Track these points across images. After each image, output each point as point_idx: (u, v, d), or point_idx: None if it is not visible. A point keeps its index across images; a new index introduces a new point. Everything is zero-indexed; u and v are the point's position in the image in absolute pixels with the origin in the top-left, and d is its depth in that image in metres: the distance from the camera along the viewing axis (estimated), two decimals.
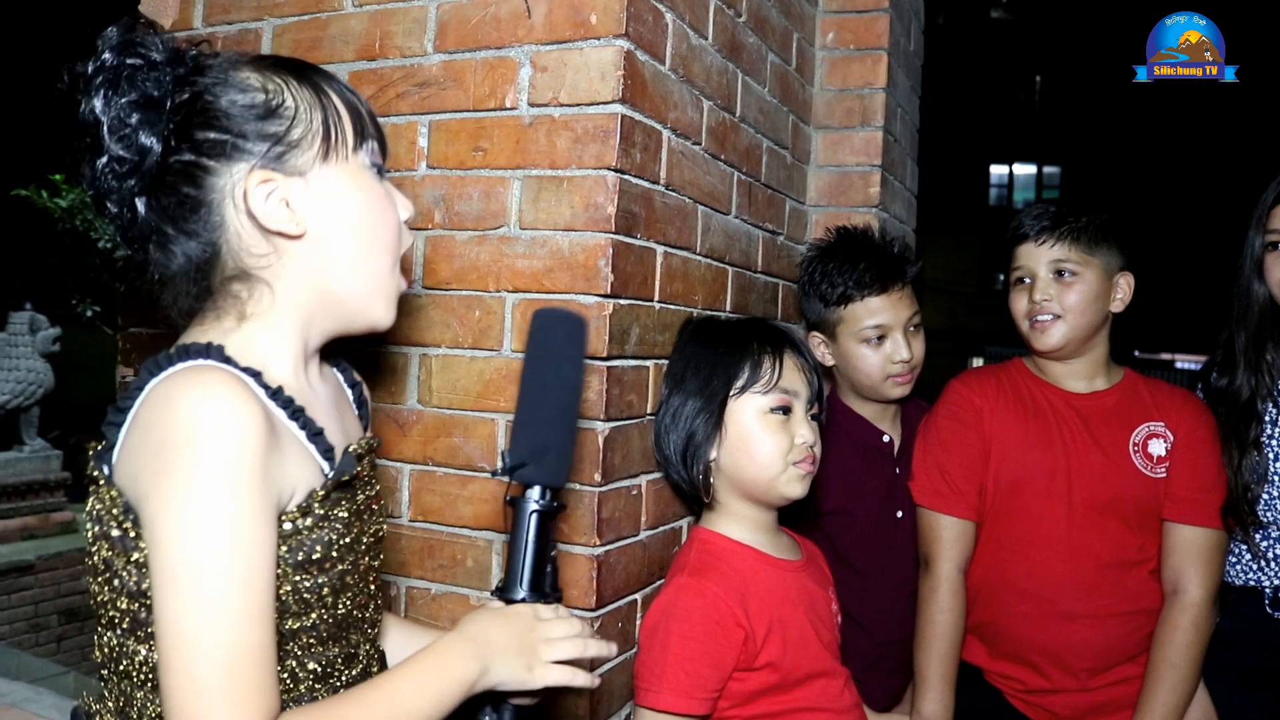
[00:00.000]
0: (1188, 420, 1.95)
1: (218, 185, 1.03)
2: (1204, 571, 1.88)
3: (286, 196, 1.03)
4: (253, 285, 1.05)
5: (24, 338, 7.29)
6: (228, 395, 0.91)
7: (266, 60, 1.09)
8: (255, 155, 1.02)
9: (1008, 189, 21.11)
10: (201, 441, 0.89)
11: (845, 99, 2.34)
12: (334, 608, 1.04)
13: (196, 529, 0.88)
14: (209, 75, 1.03)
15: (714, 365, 1.61)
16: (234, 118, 1.02)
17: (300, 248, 1.05)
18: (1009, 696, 1.98)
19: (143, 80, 1.00)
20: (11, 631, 6.37)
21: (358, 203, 1.08)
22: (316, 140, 1.05)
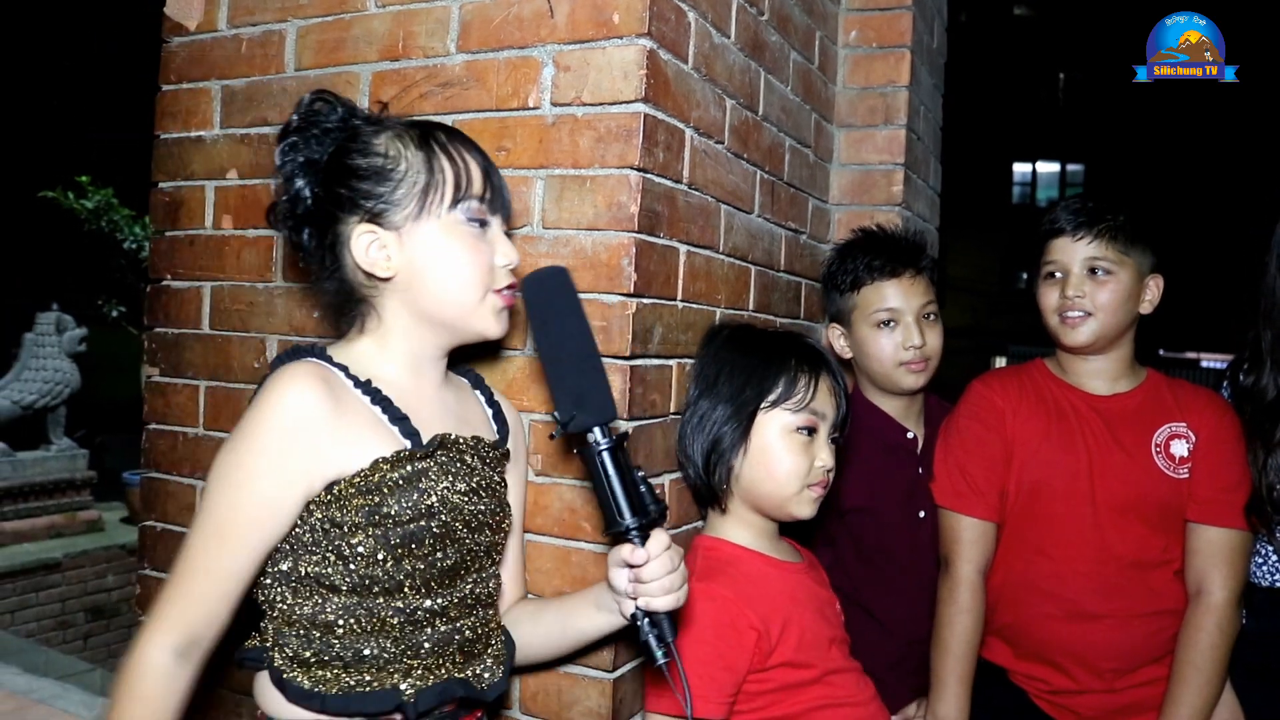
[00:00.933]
0: (1211, 420, 1.93)
1: (340, 231, 1.30)
2: (1228, 573, 1.86)
3: (384, 245, 1.27)
4: (367, 309, 1.33)
5: (51, 338, 7.36)
6: (299, 383, 1.20)
7: (407, 125, 1.33)
8: (364, 210, 1.27)
9: (1031, 187, 20.99)
10: (261, 406, 1.20)
11: (868, 97, 2.34)
12: (407, 562, 1.23)
13: (218, 464, 1.21)
14: (358, 141, 1.30)
15: (749, 375, 1.59)
16: (356, 177, 1.27)
17: (394, 284, 1.29)
18: (1034, 697, 1.97)
19: (312, 142, 1.31)
20: (39, 629, 6.42)
21: (443, 251, 1.28)
22: (414, 201, 1.27)
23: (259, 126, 1.82)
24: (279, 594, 1.24)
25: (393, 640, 1.23)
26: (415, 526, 1.23)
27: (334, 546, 1.21)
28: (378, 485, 1.21)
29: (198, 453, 1.90)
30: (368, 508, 1.21)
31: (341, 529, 1.21)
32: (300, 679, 1.22)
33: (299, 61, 1.77)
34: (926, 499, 2.03)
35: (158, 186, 1.96)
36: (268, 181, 1.81)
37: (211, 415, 1.88)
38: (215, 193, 1.88)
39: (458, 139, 1.32)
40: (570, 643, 1.41)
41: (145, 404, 1.97)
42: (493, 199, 1.33)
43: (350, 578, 1.21)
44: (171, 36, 1.93)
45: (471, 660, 1.31)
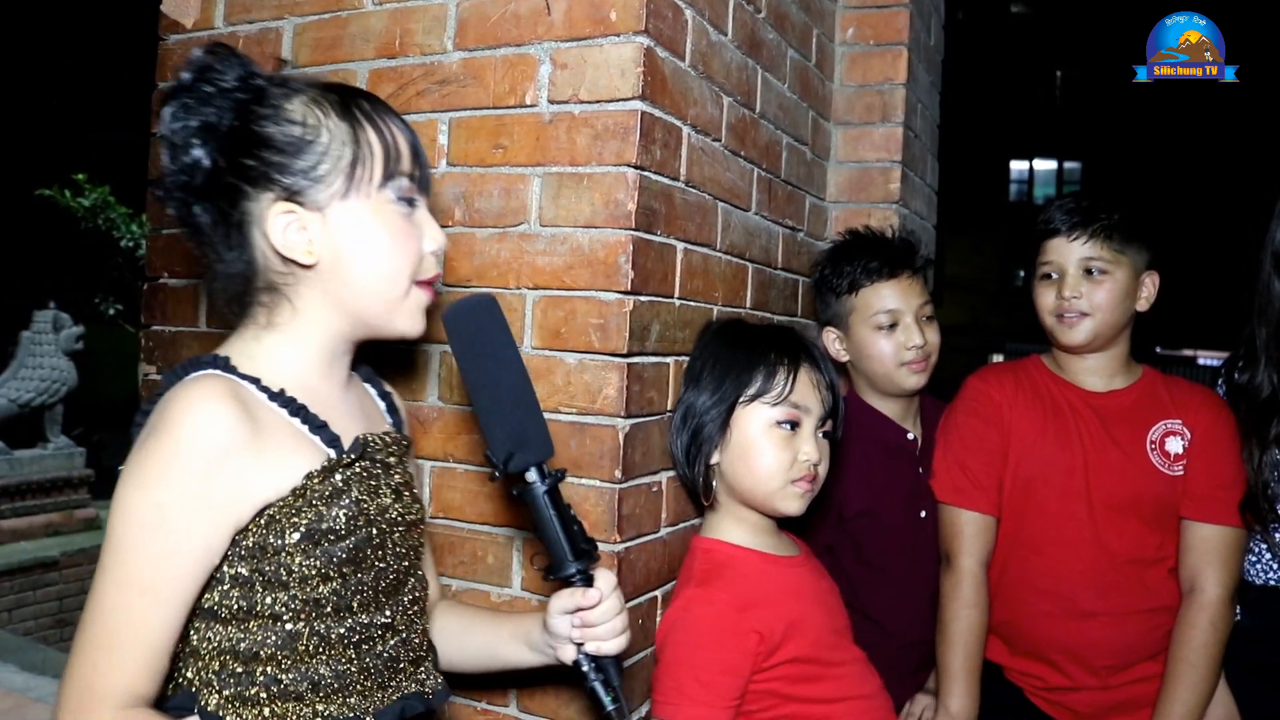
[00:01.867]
0: (1206, 417, 1.93)
1: (249, 209, 1.14)
2: (1222, 570, 1.86)
3: (305, 227, 1.13)
4: (276, 298, 1.17)
5: (48, 336, 7.35)
6: (210, 404, 1.05)
7: (322, 89, 1.18)
8: (281, 186, 1.13)
9: (1028, 185, 20.99)
10: (164, 433, 1.04)
11: (865, 94, 2.34)
12: (354, 578, 1.13)
13: (132, 505, 1.03)
14: (266, 104, 1.14)
15: (729, 367, 1.60)
16: (270, 149, 1.12)
17: (315, 272, 1.16)
18: (1029, 694, 1.98)
19: (207, 105, 1.11)
20: (37, 627, 6.43)
21: (371, 234, 1.16)
22: (340, 177, 1.14)
23: None
24: (206, 632, 1.10)
25: (347, 662, 1.14)
26: (356, 539, 1.14)
27: (271, 573, 1.09)
28: (312, 502, 1.10)
29: None
30: (305, 526, 1.10)
31: (279, 554, 1.09)
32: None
33: (296, 59, 1.77)
34: (927, 499, 2.03)
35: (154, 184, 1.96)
36: None
37: None
38: None
39: (382, 108, 1.20)
40: (496, 668, 1.38)
41: (142, 402, 1.97)
42: (421, 177, 1.22)
43: (293, 603, 1.10)
44: (168, 34, 1.92)
45: (418, 669, 1.24)
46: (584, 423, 1.51)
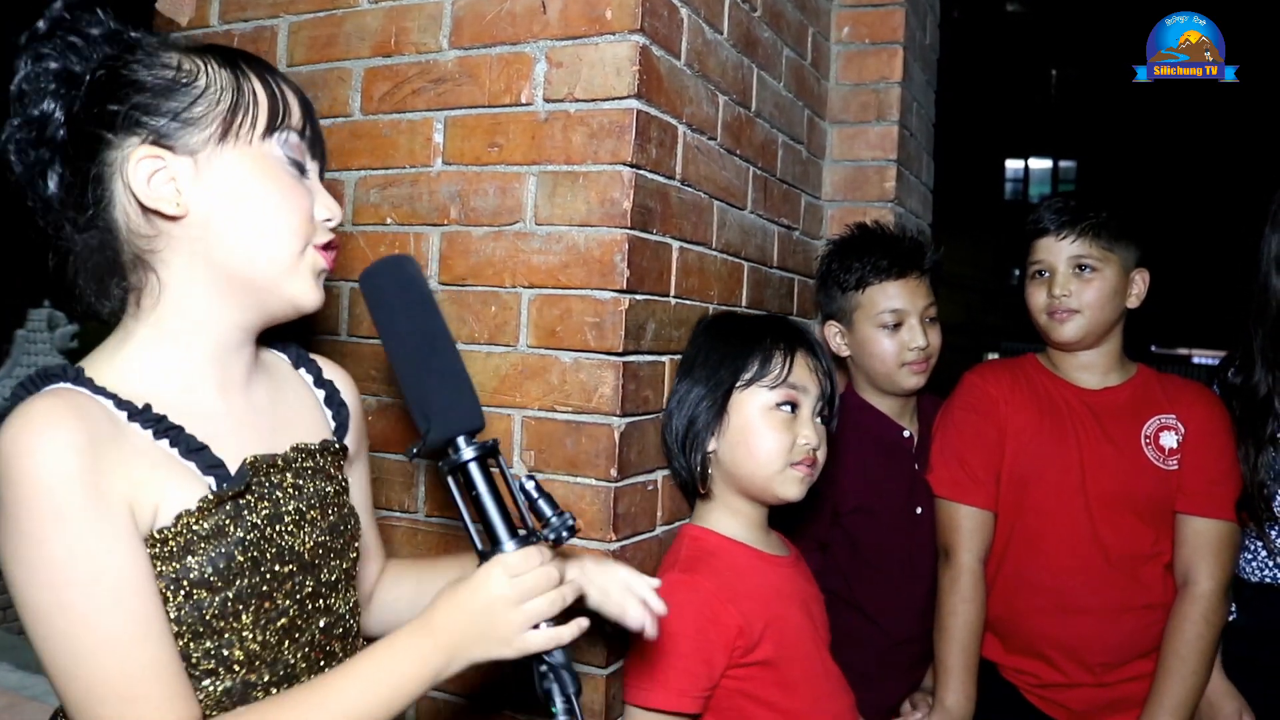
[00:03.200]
0: (1199, 412, 1.94)
1: (110, 158, 0.99)
2: (1215, 564, 1.87)
3: (174, 175, 0.98)
4: (140, 276, 1.01)
5: (42, 334, 7.33)
6: (45, 428, 0.87)
7: (205, 47, 1.05)
8: (149, 129, 0.98)
9: (1023, 184, 21.00)
10: (18, 481, 0.86)
11: (860, 93, 2.34)
12: (253, 626, 0.99)
13: (38, 570, 0.86)
14: (137, 52, 1.01)
15: (723, 355, 1.60)
16: (138, 90, 0.98)
17: (184, 230, 1.00)
18: (1024, 692, 1.98)
19: (69, 54, 0.98)
20: None
21: (254, 187, 1.01)
22: (216, 121, 1.00)
23: None
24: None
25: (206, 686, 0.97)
26: (242, 586, 0.97)
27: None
28: (183, 548, 0.93)
29: None
30: (173, 576, 0.93)
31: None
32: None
33: (291, 58, 1.77)
34: (924, 496, 2.03)
35: None
36: None
37: None
38: None
39: (271, 69, 1.07)
40: None
41: None
42: (314, 140, 1.09)
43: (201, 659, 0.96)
44: (163, 32, 1.92)
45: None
46: (579, 421, 1.51)
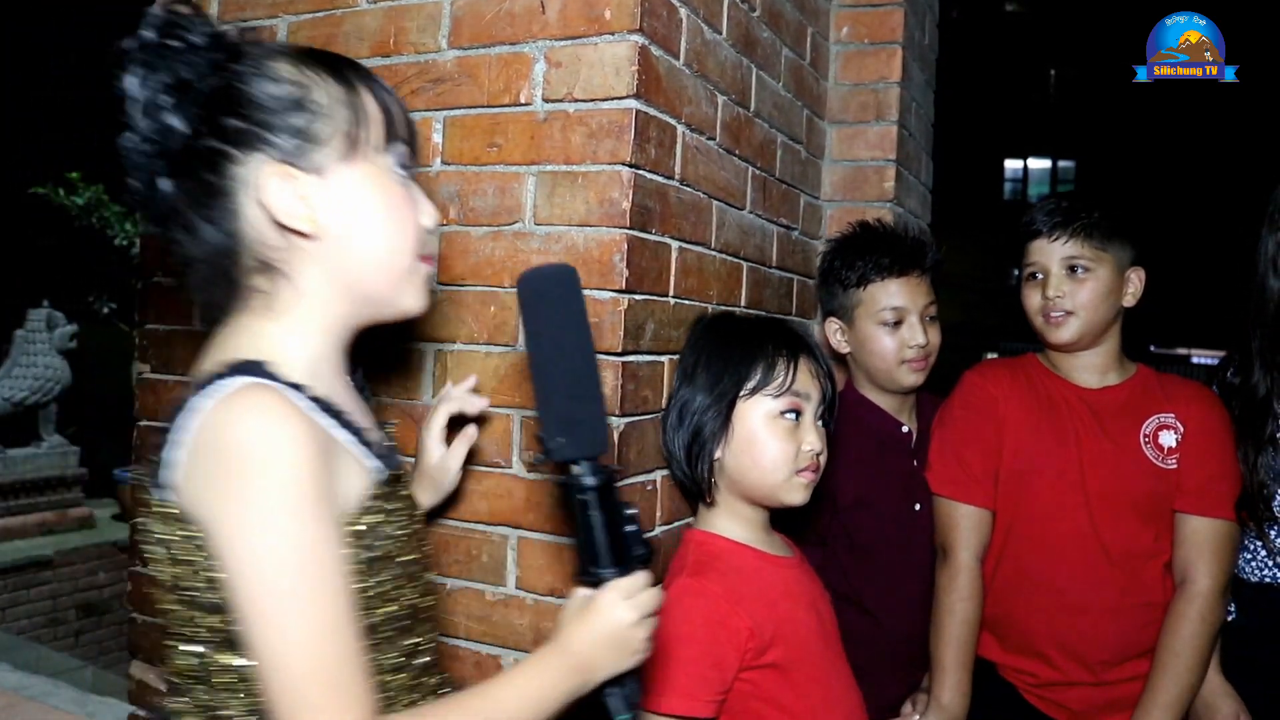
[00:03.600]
0: (1198, 411, 1.94)
1: (238, 174, 1.01)
2: (1213, 562, 1.87)
3: (303, 192, 1.02)
4: (274, 279, 1.04)
5: (42, 334, 7.33)
6: (281, 418, 0.93)
7: (305, 52, 1.08)
8: (276, 148, 1.01)
9: (1022, 183, 20.99)
10: (262, 467, 0.91)
11: (860, 93, 2.34)
12: (404, 600, 1.07)
13: (270, 554, 0.91)
14: (244, 63, 1.02)
15: (726, 363, 1.58)
16: (260, 108, 1.01)
17: (317, 244, 1.04)
18: (1023, 691, 1.98)
19: (178, 62, 0.99)
20: (30, 625, 6.41)
21: (375, 202, 1.06)
22: (339, 138, 1.04)
23: None
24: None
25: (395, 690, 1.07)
26: (406, 559, 1.08)
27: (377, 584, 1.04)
28: (362, 532, 1.03)
29: None
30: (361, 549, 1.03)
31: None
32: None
33: None
34: (921, 492, 2.04)
35: None
36: None
37: None
38: None
39: (372, 77, 1.10)
40: None
41: (137, 400, 1.97)
42: (413, 147, 1.13)
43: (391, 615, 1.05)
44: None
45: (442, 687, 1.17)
46: None
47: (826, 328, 2.11)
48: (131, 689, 1.99)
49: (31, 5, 11.69)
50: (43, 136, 11.46)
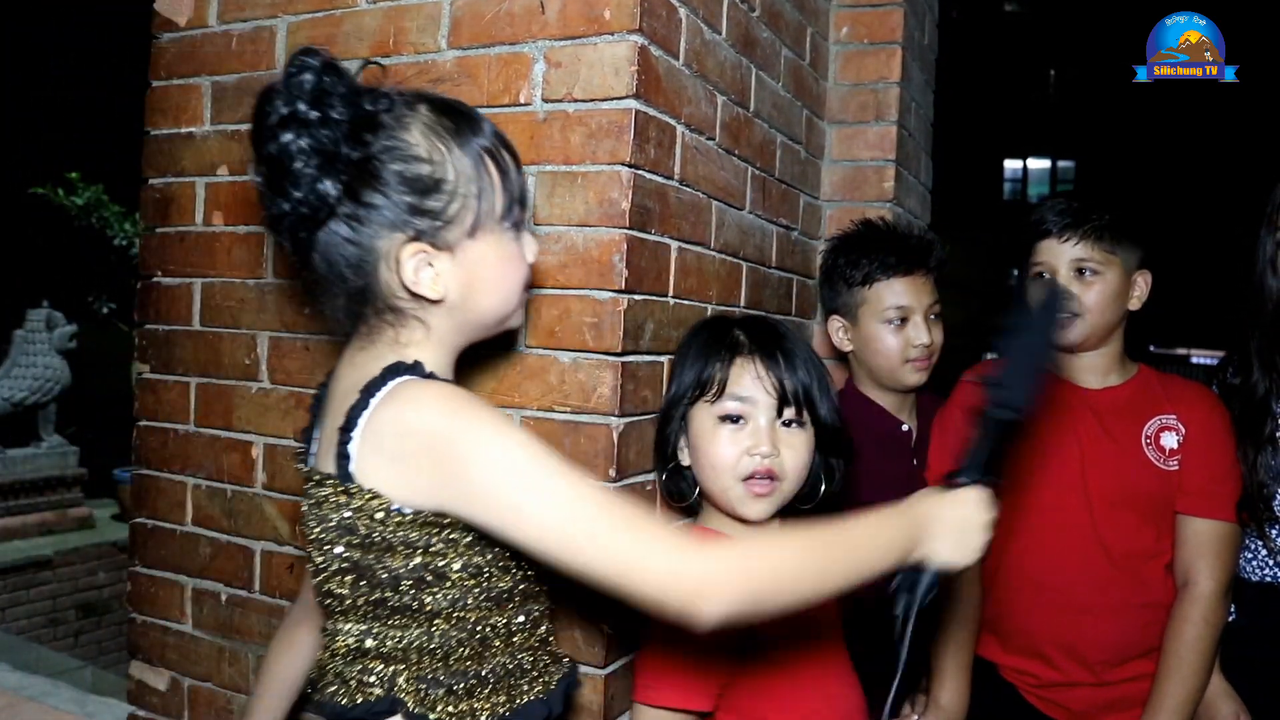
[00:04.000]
0: (1200, 413, 1.94)
1: (375, 245, 1.13)
2: (1215, 564, 1.87)
3: (437, 270, 1.14)
4: (403, 318, 1.17)
5: (41, 334, 7.33)
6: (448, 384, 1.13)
7: (436, 111, 1.16)
8: (412, 226, 1.12)
9: (1022, 184, 21.00)
10: (467, 411, 1.06)
11: (859, 93, 2.34)
12: (525, 569, 1.18)
13: (538, 466, 1.03)
14: (382, 135, 1.11)
15: (683, 368, 1.57)
16: (398, 188, 1.11)
17: (441, 304, 1.17)
18: (1023, 692, 1.98)
19: (322, 129, 1.07)
20: (30, 626, 6.41)
21: (495, 271, 1.19)
22: (468, 217, 1.14)
23: (249, 123, 1.81)
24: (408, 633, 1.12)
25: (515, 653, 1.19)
26: None
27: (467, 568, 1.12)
28: None
29: (188, 449, 1.89)
30: None
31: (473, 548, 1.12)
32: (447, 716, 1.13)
33: (290, 58, 1.76)
34: None
35: (148, 183, 1.96)
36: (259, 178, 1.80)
37: (202, 412, 1.88)
38: (206, 189, 1.87)
39: (490, 130, 1.20)
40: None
41: (136, 401, 1.97)
42: (524, 195, 1.24)
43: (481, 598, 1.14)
44: (161, 33, 1.92)
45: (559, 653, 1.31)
46: (578, 421, 1.51)
47: (829, 326, 2.11)
48: (131, 689, 1.99)
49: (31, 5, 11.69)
50: (42, 136, 11.47)
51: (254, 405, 1.82)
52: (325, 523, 1.12)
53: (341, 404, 1.13)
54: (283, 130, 1.07)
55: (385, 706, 1.12)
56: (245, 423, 1.83)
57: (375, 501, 1.07)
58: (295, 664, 1.49)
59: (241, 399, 1.83)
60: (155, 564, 1.95)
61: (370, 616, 1.13)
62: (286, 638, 1.52)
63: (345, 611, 1.14)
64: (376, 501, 1.07)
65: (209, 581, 1.88)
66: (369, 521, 1.08)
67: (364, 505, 1.08)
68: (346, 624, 1.15)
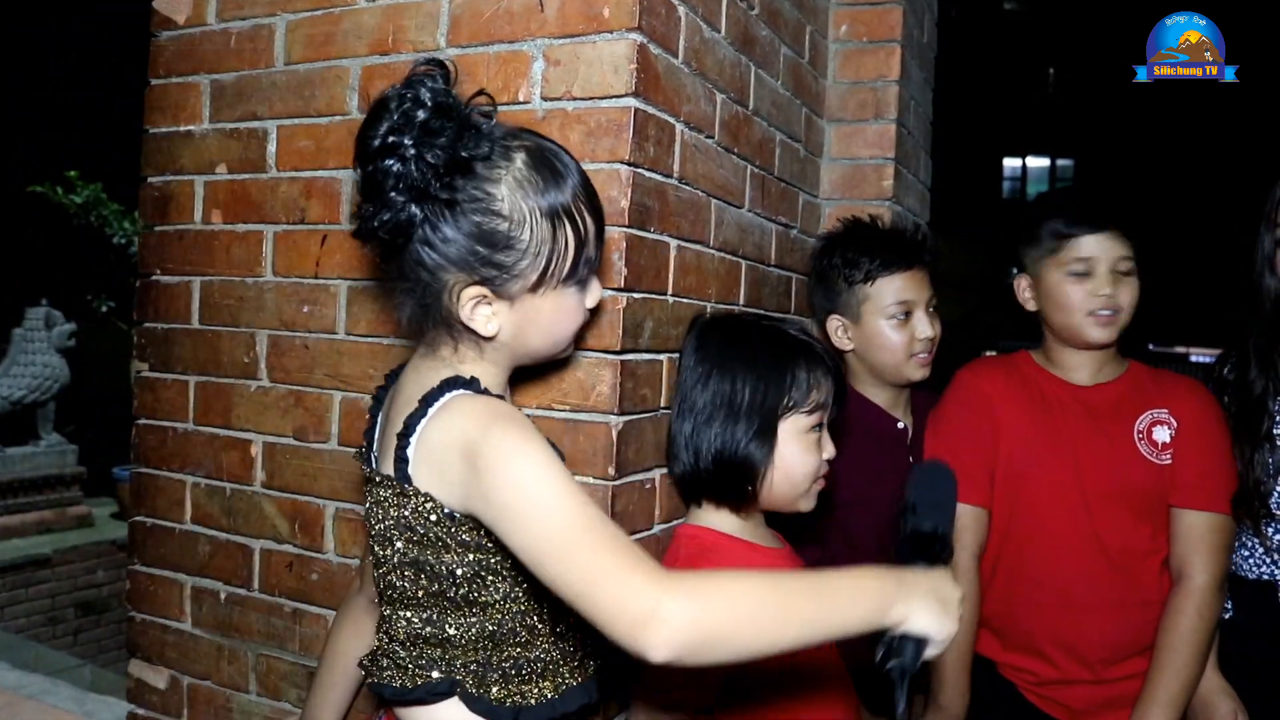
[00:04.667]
0: (1192, 406, 1.94)
1: (442, 278, 1.18)
2: (1209, 557, 1.87)
3: (494, 313, 1.20)
4: (461, 337, 1.23)
5: (40, 333, 7.33)
6: (499, 401, 1.19)
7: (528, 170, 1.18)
8: (478, 273, 1.18)
9: (1021, 182, 21.00)
10: (500, 425, 1.11)
11: (858, 92, 2.34)
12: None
13: (541, 479, 1.08)
14: (471, 182, 1.15)
15: (766, 383, 1.55)
16: (473, 236, 1.16)
17: (493, 339, 1.23)
18: (1023, 690, 1.98)
19: (417, 170, 1.12)
20: (29, 624, 6.41)
21: (549, 318, 1.24)
22: (533, 275, 1.19)
23: (248, 121, 1.82)
24: (467, 621, 1.20)
25: (559, 641, 1.25)
26: None
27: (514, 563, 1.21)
28: None
29: (187, 448, 1.89)
30: None
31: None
32: (499, 699, 1.21)
33: (288, 56, 1.76)
34: None
35: (147, 181, 1.96)
36: (256, 176, 1.81)
37: (201, 410, 1.88)
38: (204, 187, 1.87)
39: (581, 189, 1.23)
40: None
41: (135, 399, 1.97)
42: (599, 251, 1.29)
43: (529, 588, 1.20)
44: (160, 31, 1.92)
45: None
46: (577, 420, 1.51)
47: (828, 326, 2.11)
48: (130, 687, 1.99)
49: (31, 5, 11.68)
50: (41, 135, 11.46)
51: (253, 403, 1.82)
52: (386, 520, 1.20)
53: (402, 410, 1.20)
54: (384, 156, 1.12)
55: (445, 688, 1.19)
56: (244, 421, 1.83)
57: (429, 504, 1.15)
58: (360, 647, 1.49)
59: (240, 397, 1.83)
60: (154, 562, 1.95)
61: (428, 606, 1.20)
62: (351, 624, 1.53)
63: (405, 601, 1.21)
64: (430, 504, 1.15)
65: (208, 580, 1.88)
66: (425, 522, 1.15)
67: (419, 507, 1.15)
68: (406, 612, 1.21)
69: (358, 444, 1.69)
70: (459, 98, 1.17)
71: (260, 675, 1.82)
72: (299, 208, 1.76)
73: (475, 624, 1.20)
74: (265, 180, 1.80)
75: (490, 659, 1.21)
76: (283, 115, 1.78)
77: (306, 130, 1.75)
